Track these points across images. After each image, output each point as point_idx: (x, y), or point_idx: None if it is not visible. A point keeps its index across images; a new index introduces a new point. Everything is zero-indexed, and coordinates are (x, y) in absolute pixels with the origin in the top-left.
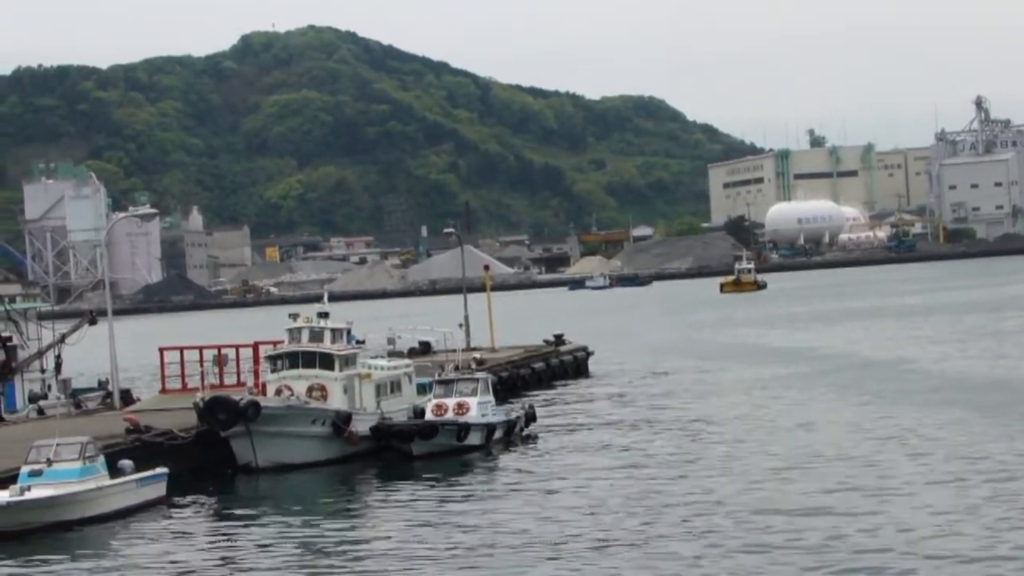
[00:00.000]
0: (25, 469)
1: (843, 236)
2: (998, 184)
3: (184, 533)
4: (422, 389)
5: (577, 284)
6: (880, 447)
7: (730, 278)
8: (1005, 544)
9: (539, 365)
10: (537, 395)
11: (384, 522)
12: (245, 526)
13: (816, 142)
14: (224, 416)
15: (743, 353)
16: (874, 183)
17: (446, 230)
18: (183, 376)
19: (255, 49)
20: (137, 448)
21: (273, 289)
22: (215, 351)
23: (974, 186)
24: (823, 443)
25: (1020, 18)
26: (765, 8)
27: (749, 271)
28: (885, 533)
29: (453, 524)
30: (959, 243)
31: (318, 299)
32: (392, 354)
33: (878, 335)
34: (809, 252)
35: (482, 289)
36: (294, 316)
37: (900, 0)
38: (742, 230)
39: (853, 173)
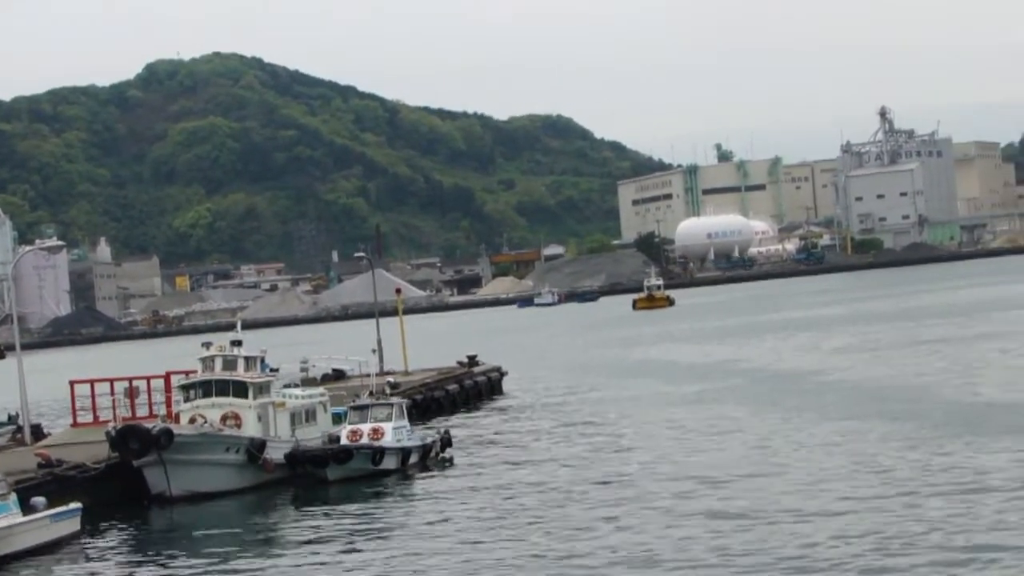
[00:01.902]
0: None
1: (752, 250)
2: (904, 194)
3: (97, 571)
4: (337, 418)
5: (526, 302)
6: (790, 460)
7: (643, 295)
8: (905, 555)
9: (453, 387)
10: (452, 418)
11: (300, 549)
12: (160, 558)
13: (724, 157)
14: (137, 445)
15: (657, 370)
16: (782, 196)
17: (357, 254)
18: (94, 409)
19: (160, 77)
20: (49, 483)
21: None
22: (126, 383)
23: (880, 197)
24: (736, 458)
25: (920, 30)
26: (668, 26)
27: (659, 287)
28: (787, 549)
29: (370, 550)
30: (867, 254)
31: (229, 328)
32: (306, 382)
33: (789, 348)
34: (747, 264)
35: (394, 313)
36: (207, 345)
37: (803, 15)
38: (652, 246)
39: (761, 187)
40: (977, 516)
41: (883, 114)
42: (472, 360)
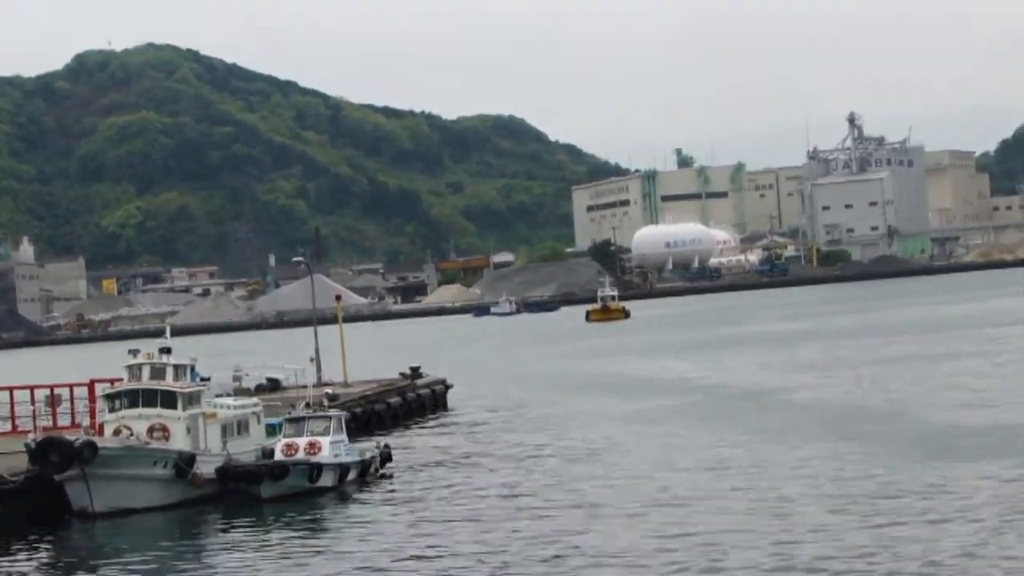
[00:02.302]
0: None
1: (713, 260)
2: (873, 204)
3: None
4: (271, 430)
5: (482, 310)
6: (748, 482)
7: (596, 306)
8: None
9: (395, 400)
10: (393, 432)
11: (230, 571)
12: None
13: (684, 162)
14: (57, 458)
15: (610, 385)
16: (745, 204)
17: (295, 259)
18: (13, 418)
19: (90, 68)
20: None
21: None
22: (48, 391)
23: (848, 206)
24: (690, 479)
25: (890, 36)
26: (625, 23)
27: (614, 298)
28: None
29: (305, 572)
30: (833, 266)
31: (159, 334)
32: (239, 392)
33: (750, 364)
34: (712, 275)
35: (334, 321)
36: (134, 352)
37: (768, 16)
38: (608, 255)
39: (723, 194)
40: (940, 541)
41: (852, 120)
42: (415, 372)
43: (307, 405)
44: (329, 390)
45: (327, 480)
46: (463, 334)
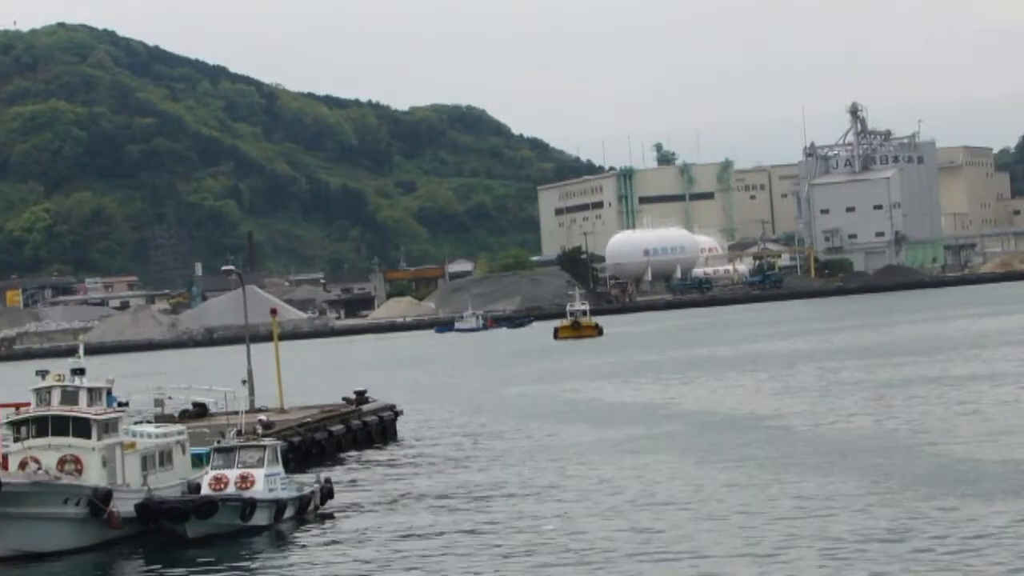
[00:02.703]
0: None
1: (698, 270)
2: (878, 207)
3: None
4: (198, 461)
5: (445, 326)
6: (734, 525)
7: (566, 322)
8: None
9: (338, 428)
10: (335, 465)
11: None
12: None
13: (665, 159)
14: None
15: (578, 411)
16: (733, 207)
17: (225, 268)
18: None
19: None
20: None
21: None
22: None
23: (850, 209)
24: (664, 523)
25: (898, 17)
26: (601, 7)
27: (585, 313)
28: None
29: None
30: (834, 277)
31: (71, 352)
32: (161, 418)
33: (739, 389)
34: (703, 286)
35: (269, 338)
36: (43, 374)
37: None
38: (579, 264)
39: (709, 195)
40: None
41: (855, 112)
42: (361, 396)
43: (238, 433)
44: (263, 417)
45: (261, 518)
46: (418, 353)
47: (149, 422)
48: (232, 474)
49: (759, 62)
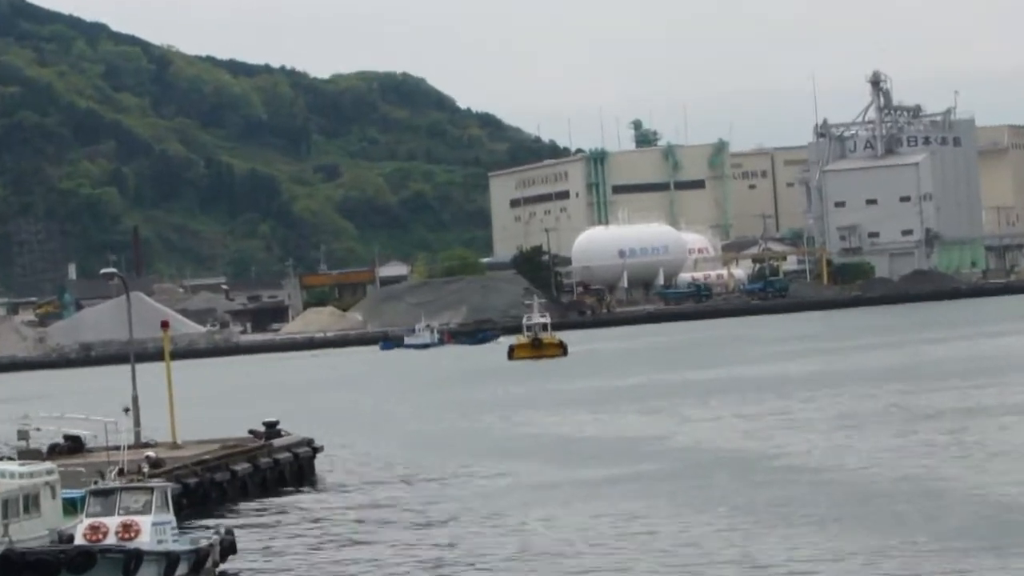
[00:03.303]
0: None
1: (685, 276)
2: (905, 199)
3: None
4: (71, 506)
5: (392, 341)
6: None
7: (523, 338)
8: None
9: (242, 468)
10: (239, 512)
11: None
12: None
13: (644, 139)
14: None
15: (536, 447)
16: (728, 198)
17: (105, 270)
18: None
19: None
20: None
21: None
22: None
23: (871, 202)
24: None
25: None
26: None
27: (545, 327)
28: None
29: None
30: (850, 285)
31: None
32: (26, 454)
33: (731, 420)
34: (703, 293)
35: (159, 357)
36: None
37: None
38: (539, 267)
39: (698, 184)
40: None
41: (876, 82)
42: (272, 429)
43: (120, 473)
44: (151, 453)
45: (148, 574)
46: (342, 376)
47: (11, 459)
48: (112, 522)
49: (759, 23)
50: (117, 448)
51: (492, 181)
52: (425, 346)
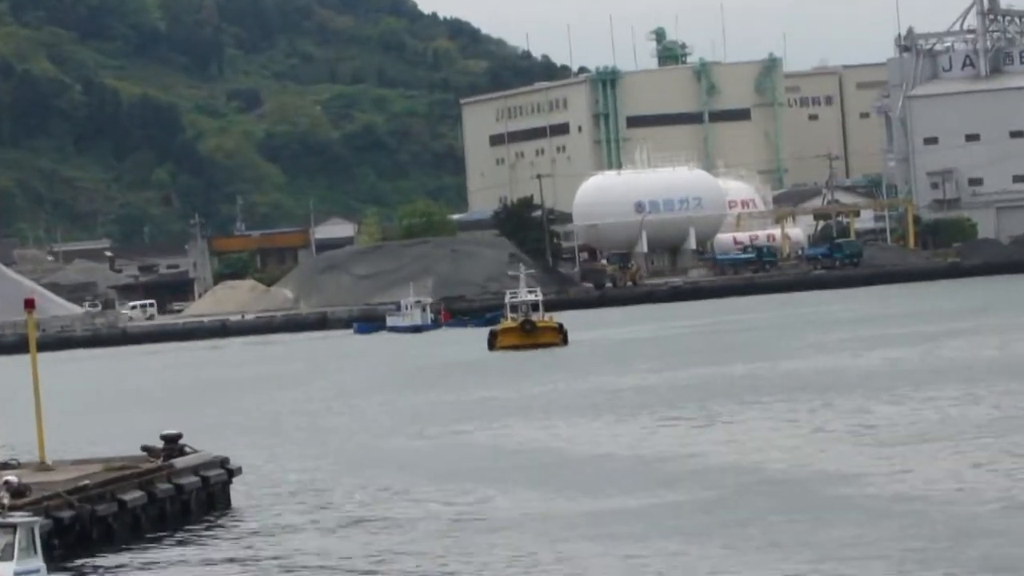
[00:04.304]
0: None
1: (723, 236)
2: (1017, 134)
3: None
4: None
5: (369, 324)
6: None
7: (509, 322)
8: None
9: (133, 496)
10: (129, 556)
11: None
12: None
13: (669, 54)
14: None
15: (531, 468)
16: (782, 133)
17: None
18: None
19: None
20: None
21: None
22: None
23: (972, 138)
24: None
25: None
26: None
27: (536, 306)
28: None
29: None
30: (945, 249)
31: None
32: None
33: (787, 430)
34: (767, 259)
35: (22, 347)
36: None
37: None
38: (529, 226)
39: (742, 114)
40: None
41: None
42: (173, 444)
43: None
44: (10, 477)
45: None
46: (282, 371)
47: None
48: None
49: None
50: None
51: (466, 111)
52: (416, 329)
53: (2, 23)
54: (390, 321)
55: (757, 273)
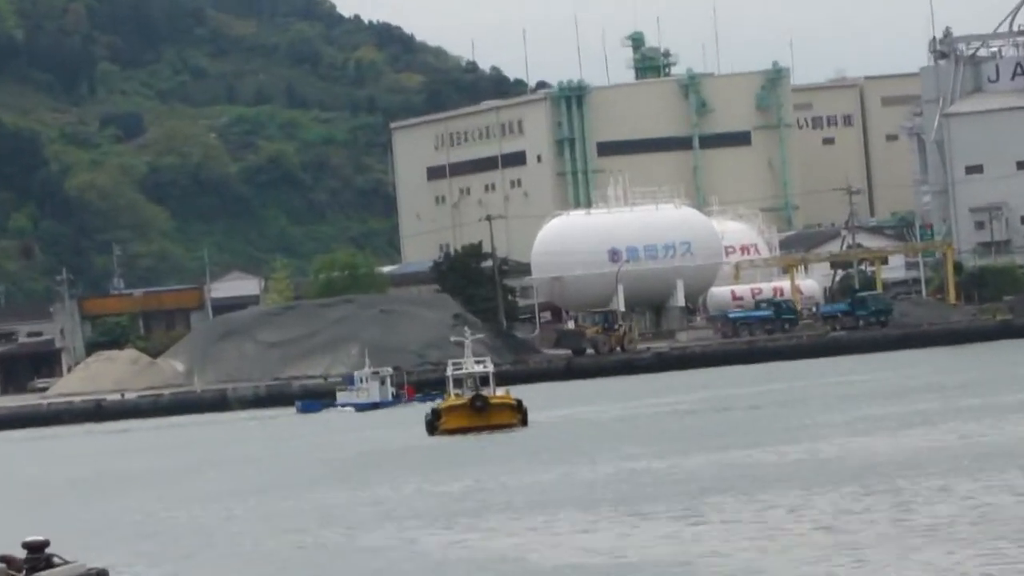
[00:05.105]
0: None
1: (719, 290)
2: None
3: None
4: None
5: (316, 402)
6: None
7: (455, 399)
8: None
9: None
10: None
11: None
12: None
13: (648, 64)
14: None
15: None
16: (789, 161)
17: None
18: None
19: None
20: None
21: None
22: None
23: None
24: None
25: None
26: None
27: (486, 380)
28: None
29: None
30: (994, 303)
31: None
32: None
33: (799, 534)
34: (786, 316)
35: None
36: None
37: None
38: (478, 280)
39: (740, 138)
40: None
41: None
42: (38, 553)
43: None
44: None
45: None
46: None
47: None
48: None
49: None
50: None
51: (397, 137)
52: (374, 406)
53: None
54: (341, 398)
55: (772, 334)
